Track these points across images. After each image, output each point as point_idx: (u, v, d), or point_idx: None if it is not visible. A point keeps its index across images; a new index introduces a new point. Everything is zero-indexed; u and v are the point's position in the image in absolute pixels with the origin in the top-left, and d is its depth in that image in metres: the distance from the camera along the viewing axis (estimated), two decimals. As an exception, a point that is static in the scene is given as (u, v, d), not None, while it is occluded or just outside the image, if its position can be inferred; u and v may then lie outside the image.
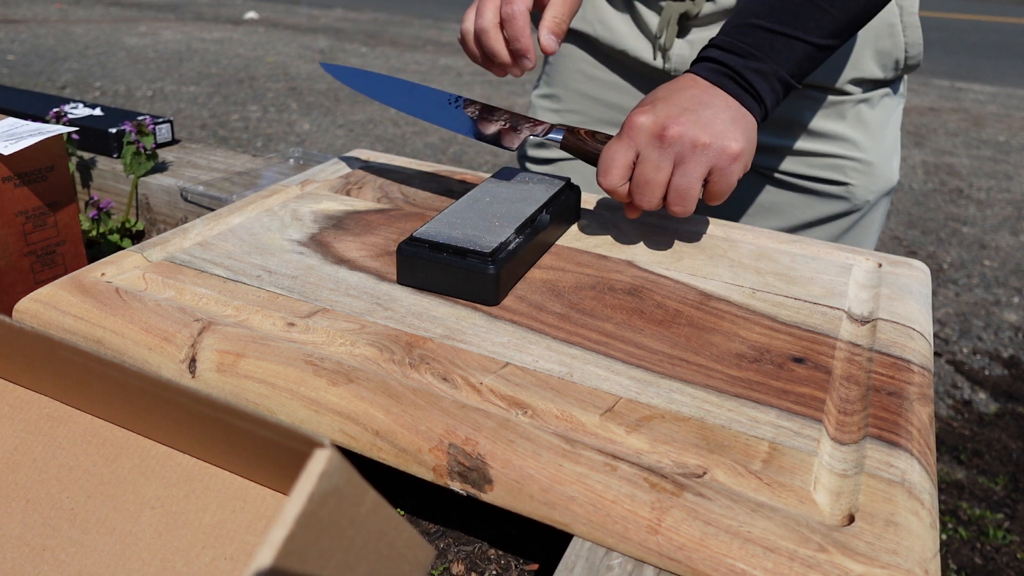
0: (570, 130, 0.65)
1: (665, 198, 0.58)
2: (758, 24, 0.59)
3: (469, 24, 0.64)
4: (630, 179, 0.59)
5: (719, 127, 0.56)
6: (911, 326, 0.53)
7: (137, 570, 0.33)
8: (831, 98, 0.79)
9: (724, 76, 0.59)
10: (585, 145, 0.65)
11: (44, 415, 0.37)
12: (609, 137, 0.63)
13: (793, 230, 0.84)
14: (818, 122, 0.80)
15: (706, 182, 0.57)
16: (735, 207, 0.87)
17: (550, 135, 0.65)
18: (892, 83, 0.82)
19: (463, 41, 0.66)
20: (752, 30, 0.59)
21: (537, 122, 0.67)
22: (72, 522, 0.34)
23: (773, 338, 0.51)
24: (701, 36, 0.78)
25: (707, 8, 0.77)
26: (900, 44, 0.78)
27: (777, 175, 0.83)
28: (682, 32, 0.79)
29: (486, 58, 0.64)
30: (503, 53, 0.62)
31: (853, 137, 0.80)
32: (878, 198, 0.83)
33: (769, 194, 0.84)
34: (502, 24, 0.62)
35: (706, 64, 0.60)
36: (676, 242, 0.64)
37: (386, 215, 0.67)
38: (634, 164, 0.58)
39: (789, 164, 0.82)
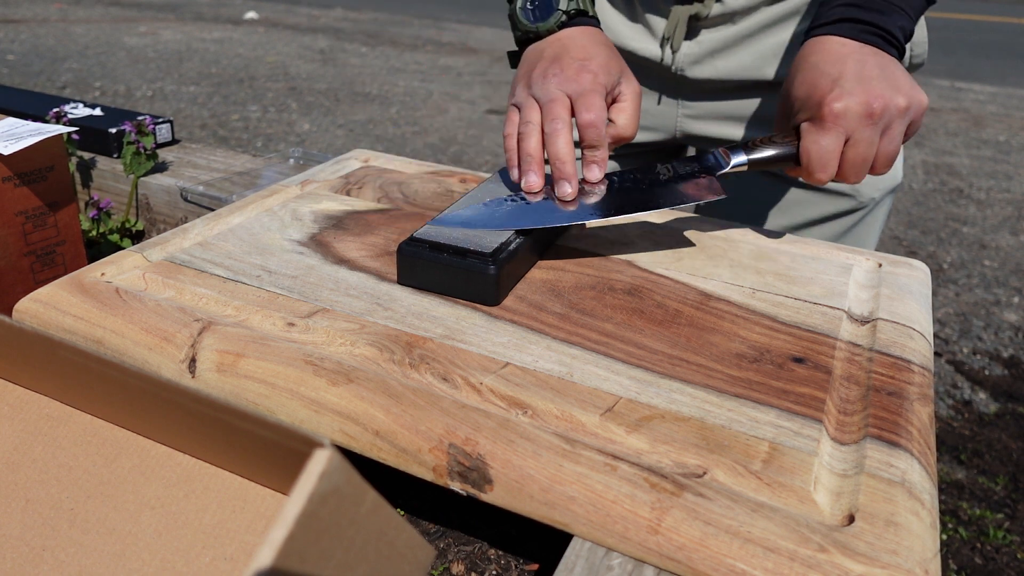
0: (747, 147, 0.61)
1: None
2: None
3: (532, 124, 0.60)
4: None
5: (902, 83, 0.57)
6: (911, 326, 0.53)
7: (137, 570, 0.33)
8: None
9: (871, 34, 0.60)
10: (772, 157, 0.61)
11: (44, 415, 0.37)
12: (782, 136, 0.61)
13: (799, 228, 0.84)
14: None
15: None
16: (740, 206, 0.87)
17: (734, 164, 0.60)
18: None
19: (512, 147, 0.61)
20: None
21: (702, 162, 0.61)
22: (72, 522, 0.34)
23: (773, 338, 0.51)
24: (710, 37, 0.78)
25: (716, 9, 0.77)
26: None
27: (780, 175, 0.83)
28: (691, 34, 0.79)
29: (534, 162, 0.60)
30: (571, 160, 0.58)
31: None
32: (883, 196, 0.83)
33: (775, 192, 0.84)
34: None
35: (847, 25, 0.61)
36: (676, 242, 0.64)
37: (386, 215, 0.67)
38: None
39: None
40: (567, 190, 0.59)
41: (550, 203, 0.59)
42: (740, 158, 0.60)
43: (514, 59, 0.71)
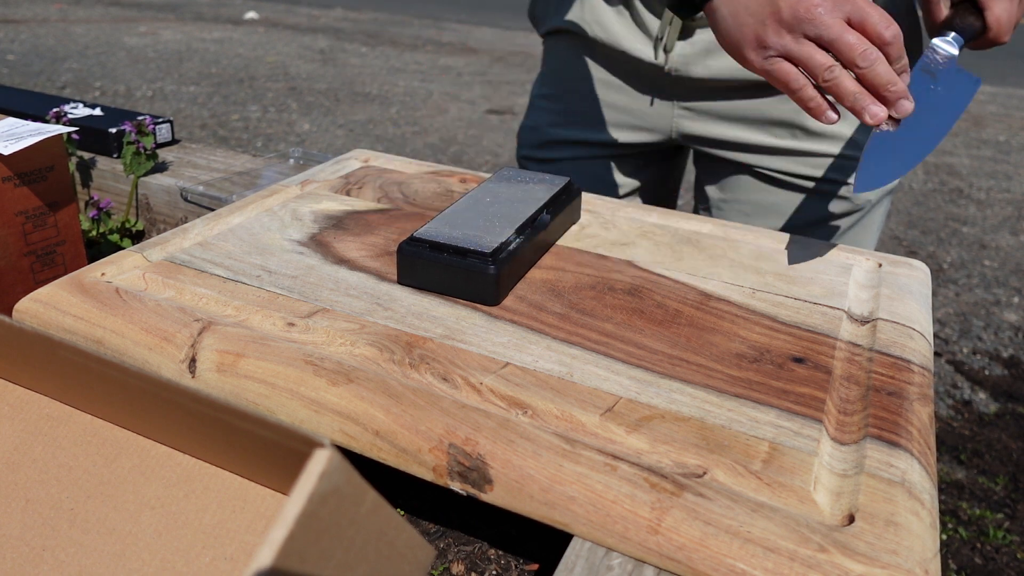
0: (948, 33, 0.60)
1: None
2: None
3: (836, 68, 0.53)
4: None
5: None
6: (911, 326, 0.53)
7: (137, 570, 0.33)
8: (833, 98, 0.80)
9: None
10: (974, 31, 0.62)
11: (44, 415, 0.37)
12: (960, 14, 0.62)
13: (794, 230, 0.84)
14: (819, 122, 0.80)
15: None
16: (736, 207, 0.87)
17: (957, 50, 0.60)
18: None
19: (813, 96, 0.55)
20: None
21: (927, 65, 0.60)
22: (72, 522, 0.34)
23: (773, 338, 0.51)
24: (703, 37, 0.78)
25: None
26: None
27: (779, 175, 0.83)
28: (684, 33, 0.79)
29: (873, 92, 0.54)
30: (896, 78, 0.54)
31: (855, 137, 0.80)
32: (880, 197, 0.83)
33: (771, 194, 0.84)
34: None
35: None
36: (676, 242, 0.64)
37: (386, 215, 0.67)
38: None
39: (791, 164, 0.82)
40: (908, 107, 0.54)
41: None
42: (953, 48, 0.60)
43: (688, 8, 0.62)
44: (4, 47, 5.00)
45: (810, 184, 0.82)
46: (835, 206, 0.82)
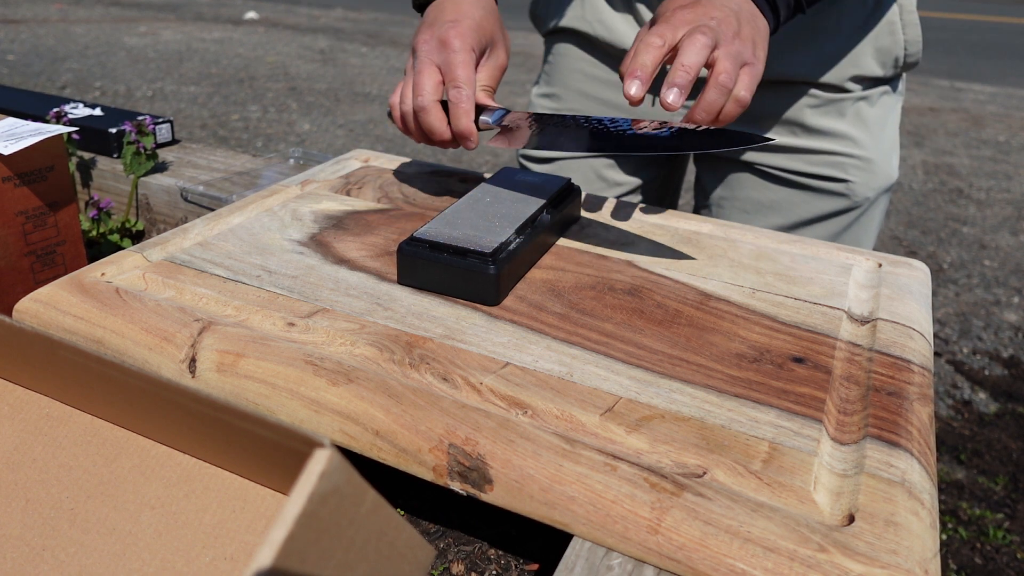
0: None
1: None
2: None
3: (407, 103, 0.63)
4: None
5: (745, 33, 0.59)
6: (911, 326, 0.53)
7: (137, 570, 0.33)
8: (831, 96, 0.80)
9: None
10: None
11: (44, 415, 0.37)
12: None
13: (793, 227, 0.84)
14: (818, 119, 0.80)
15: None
16: (735, 205, 0.87)
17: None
18: (891, 81, 0.82)
19: (394, 115, 0.64)
20: None
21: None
22: (72, 522, 0.34)
23: (773, 338, 0.51)
24: None
25: None
26: (900, 42, 0.78)
27: (777, 172, 0.83)
28: None
29: (423, 134, 0.63)
30: (444, 131, 0.62)
31: (853, 134, 0.80)
32: (878, 195, 0.83)
33: (769, 192, 0.84)
34: (445, 104, 0.61)
35: None
36: (676, 242, 0.64)
37: (386, 215, 0.67)
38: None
39: (789, 161, 0.82)
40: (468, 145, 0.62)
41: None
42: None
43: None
44: (4, 47, 5.00)
45: (809, 181, 0.82)
46: (835, 203, 0.82)
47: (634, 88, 0.56)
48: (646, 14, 0.80)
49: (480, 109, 0.63)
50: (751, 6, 0.61)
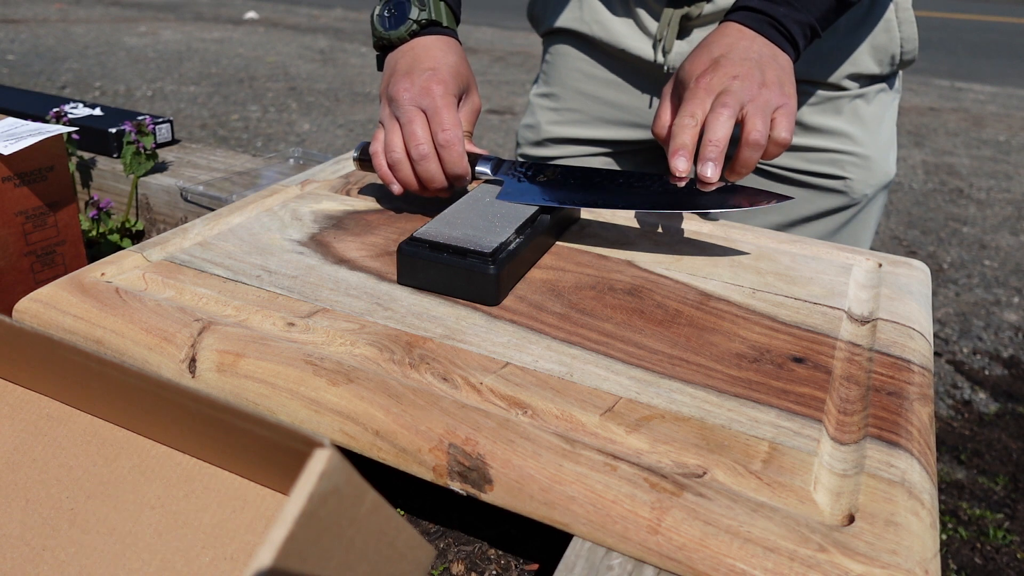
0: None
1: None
2: None
3: (396, 152, 0.62)
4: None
5: (769, 75, 0.60)
6: (911, 326, 0.53)
7: (137, 570, 0.33)
8: (828, 93, 0.80)
9: (769, 26, 0.63)
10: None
11: (44, 415, 0.37)
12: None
13: (791, 225, 0.84)
14: (815, 117, 0.80)
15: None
16: None
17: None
18: (888, 78, 0.82)
19: (377, 163, 0.64)
20: None
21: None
22: (72, 522, 0.34)
23: (773, 338, 0.51)
24: (702, 35, 0.78)
25: (707, 9, 0.77)
26: (896, 39, 0.78)
27: (775, 170, 0.83)
28: (682, 33, 0.79)
29: (418, 182, 0.63)
30: (442, 178, 0.62)
31: (850, 132, 0.81)
32: (875, 192, 0.83)
33: (767, 188, 0.84)
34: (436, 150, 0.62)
35: (748, 13, 0.63)
36: (676, 242, 0.64)
37: (386, 215, 0.67)
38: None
39: (787, 160, 0.82)
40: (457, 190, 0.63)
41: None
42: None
43: (380, 63, 0.72)
44: (4, 47, 5.00)
45: (807, 179, 0.82)
46: (833, 201, 0.82)
47: (681, 164, 0.59)
48: (645, 18, 0.80)
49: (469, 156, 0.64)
50: (770, 48, 0.62)
